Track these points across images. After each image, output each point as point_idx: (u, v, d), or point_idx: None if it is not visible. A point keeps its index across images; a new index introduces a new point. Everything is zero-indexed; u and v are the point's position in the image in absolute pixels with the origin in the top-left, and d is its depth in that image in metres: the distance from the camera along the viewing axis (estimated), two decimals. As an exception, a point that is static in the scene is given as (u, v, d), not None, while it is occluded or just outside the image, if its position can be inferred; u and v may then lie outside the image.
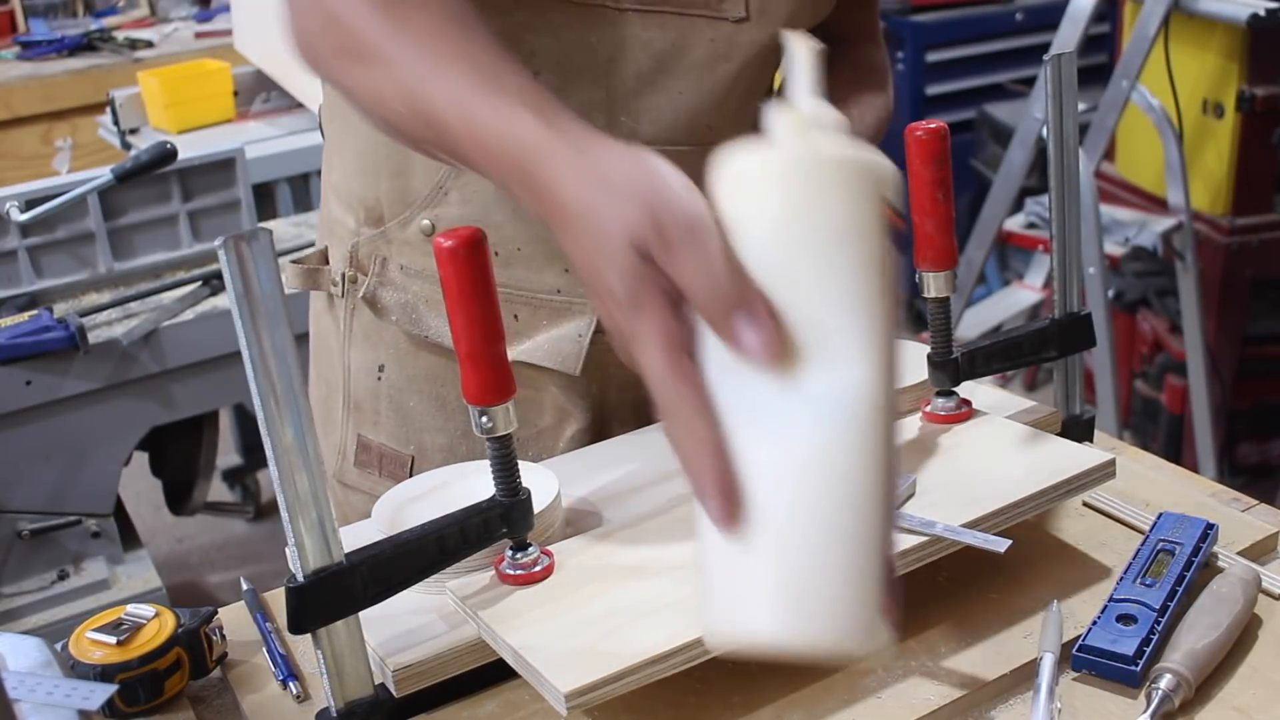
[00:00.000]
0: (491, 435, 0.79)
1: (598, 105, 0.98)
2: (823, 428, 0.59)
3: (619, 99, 0.99)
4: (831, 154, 0.60)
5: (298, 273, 1.12)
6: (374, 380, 1.10)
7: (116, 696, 0.82)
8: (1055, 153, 0.97)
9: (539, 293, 1.04)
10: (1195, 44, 2.56)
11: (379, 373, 1.09)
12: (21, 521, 1.91)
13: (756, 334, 0.59)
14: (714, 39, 0.99)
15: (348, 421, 1.13)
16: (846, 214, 0.59)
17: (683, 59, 0.99)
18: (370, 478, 1.12)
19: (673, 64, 0.99)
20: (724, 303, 0.59)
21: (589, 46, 0.97)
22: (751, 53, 1.01)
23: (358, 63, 0.81)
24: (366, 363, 1.10)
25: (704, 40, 0.99)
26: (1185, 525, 0.90)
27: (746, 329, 0.59)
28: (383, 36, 0.79)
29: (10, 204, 1.95)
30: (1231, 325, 2.67)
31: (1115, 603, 0.84)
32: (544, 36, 0.95)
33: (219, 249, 0.66)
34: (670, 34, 0.98)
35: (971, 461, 0.92)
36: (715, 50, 0.99)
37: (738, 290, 0.59)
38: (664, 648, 0.74)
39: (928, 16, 3.56)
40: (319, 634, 0.74)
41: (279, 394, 0.69)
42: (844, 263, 0.59)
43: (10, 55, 3.56)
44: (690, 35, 0.98)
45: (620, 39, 0.97)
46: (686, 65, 0.99)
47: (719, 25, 0.99)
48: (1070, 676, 0.81)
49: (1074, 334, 1.01)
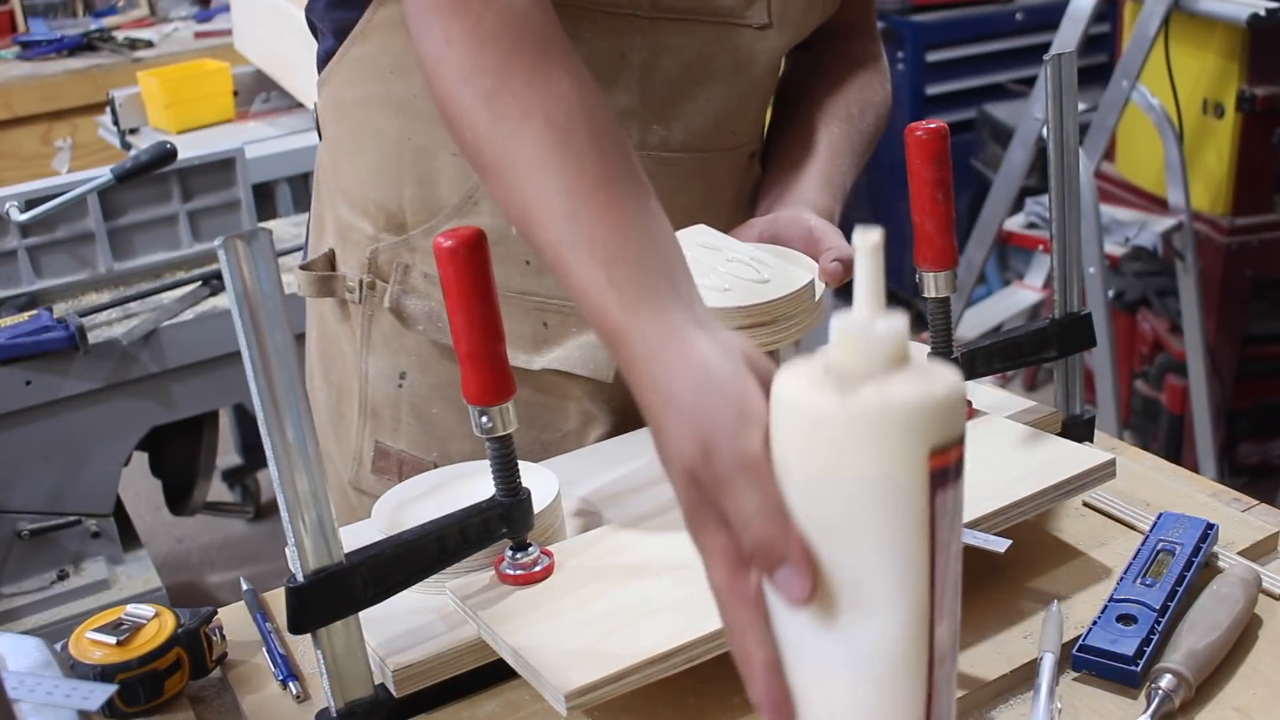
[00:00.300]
0: (491, 435, 0.79)
1: (631, 113, 0.99)
2: (860, 675, 0.60)
3: (651, 107, 0.99)
4: (880, 405, 0.57)
5: (309, 280, 1.10)
6: (394, 388, 1.08)
7: (116, 696, 0.82)
8: (1055, 153, 0.97)
9: (569, 300, 0.98)
10: (1195, 44, 2.55)
11: (400, 380, 1.08)
12: (21, 521, 1.91)
13: (794, 583, 0.60)
14: (739, 46, 1.00)
15: (364, 429, 1.11)
16: (888, 473, 0.57)
17: (710, 66, 1.00)
18: (388, 484, 1.09)
19: (701, 71, 0.99)
20: (765, 550, 0.60)
21: (621, 54, 0.97)
22: (771, 58, 1.02)
23: (477, 165, 0.81)
24: (387, 370, 1.09)
25: (730, 48, 1.00)
26: (1185, 525, 0.90)
27: (786, 576, 0.60)
28: (493, 148, 0.78)
29: (10, 204, 1.95)
30: (1231, 325, 2.67)
31: (1115, 603, 0.84)
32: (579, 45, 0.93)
33: (219, 249, 0.66)
34: (698, 42, 0.98)
35: (971, 462, 0.92)
36: (739, 57, 1.00)
37: (778, 539, 0.60)
38: (664, 648, 0.74)
39: (928, 16, 3.56)
40: (319, 634, 0.74)
41: (279, 394, 0.69)
42: (883, 521, 0.58)
43: (10, 55, 3.56)
44: (717, 43, 0.99)
45: (652, 47, 0.97)
46: (714, 72, 1.00)
47: (743, 32, 1.00)
48: (1070, 677, 0.81)
49: (1074, 334, 1.01)
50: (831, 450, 0.58)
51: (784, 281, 0.91)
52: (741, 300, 0.89)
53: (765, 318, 0.89)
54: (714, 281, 0.90)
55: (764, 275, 0.91)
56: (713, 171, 1.04)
